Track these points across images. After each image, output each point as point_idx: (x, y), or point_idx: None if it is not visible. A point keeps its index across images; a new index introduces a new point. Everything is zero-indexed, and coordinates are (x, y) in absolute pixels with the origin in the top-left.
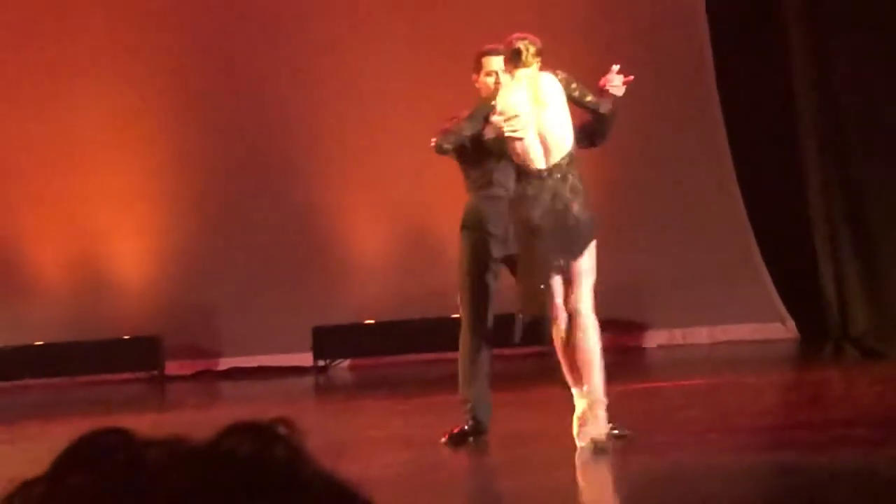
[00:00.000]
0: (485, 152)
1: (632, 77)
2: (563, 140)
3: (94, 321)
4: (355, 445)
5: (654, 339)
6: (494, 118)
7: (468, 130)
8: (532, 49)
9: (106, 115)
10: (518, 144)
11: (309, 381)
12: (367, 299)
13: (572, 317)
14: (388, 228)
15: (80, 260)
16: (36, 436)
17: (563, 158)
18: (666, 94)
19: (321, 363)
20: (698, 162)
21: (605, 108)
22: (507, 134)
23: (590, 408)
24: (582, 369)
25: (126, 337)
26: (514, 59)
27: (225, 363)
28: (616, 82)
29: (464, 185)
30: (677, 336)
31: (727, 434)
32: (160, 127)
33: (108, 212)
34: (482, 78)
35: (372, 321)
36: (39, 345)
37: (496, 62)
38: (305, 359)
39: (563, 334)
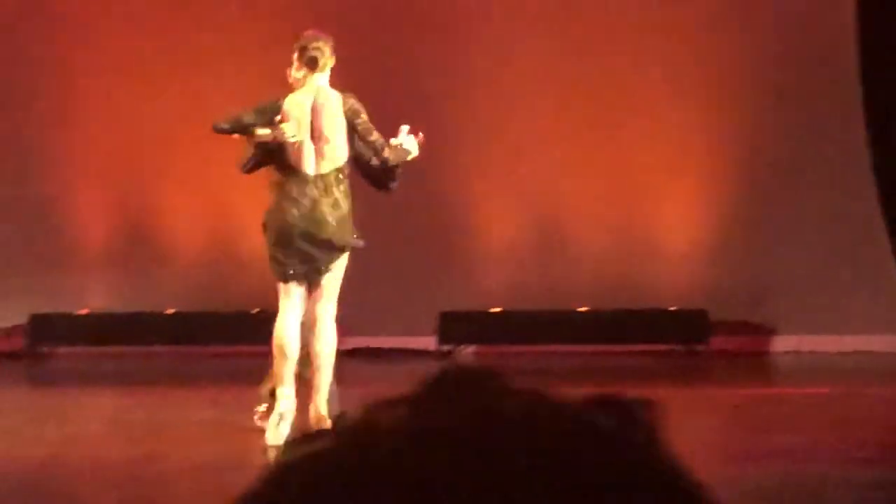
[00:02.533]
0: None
1: (422, 136)
2: (334, 155)
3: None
4: None
5: (783, 344)
6: (277, 119)
7: (248, 119)
8: (328, 53)
9: None
10: (293, 145)
11: (432, 365)
12: (496, 287)
13: (312, 322)
14: (520, 218)
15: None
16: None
17: (331, 172)
18: (806, 99)
19: (445, 348)
20: (836, 169)
21: (389, 153)
22: (286, 138)
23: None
24: (314, 373)
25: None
26: (310, 64)
27: (350, 342)
28: (407, 143)
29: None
30: (806, 343)
31: (849, 445)
32: None
33: None
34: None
35: (499, 309)
36: (170, 313)
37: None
38: (430, 343)
39: (289, 334)
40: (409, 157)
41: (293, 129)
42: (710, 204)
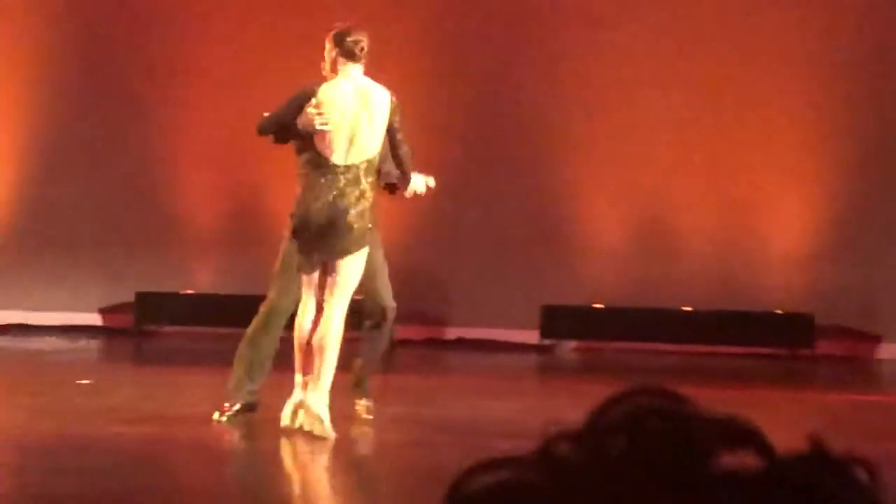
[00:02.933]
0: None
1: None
2: (368, 146)
3: None
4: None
5: (889, 351)
6: (309, 109)
7: (285, 116)
8: (365, 47)
9: None
10: (326, 134)
11: (533, 358)
12: (599, 283)
13: (322, 309)
14: (627, 215)
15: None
16: None
17: (362, 163)
18: None
19: (547, 342)
20: None
21: (405, 163)
22: (317, 126)
23: (310, 400)
24: (316, 360)
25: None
26: (350, 54)
27: (452, 332)
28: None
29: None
30: None
31: None
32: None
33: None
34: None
35: (601, 305)
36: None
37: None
38: (532, 336)
39: (303, 323)
40: (407, 184)
41: (327, 118)
42: (820, 207)
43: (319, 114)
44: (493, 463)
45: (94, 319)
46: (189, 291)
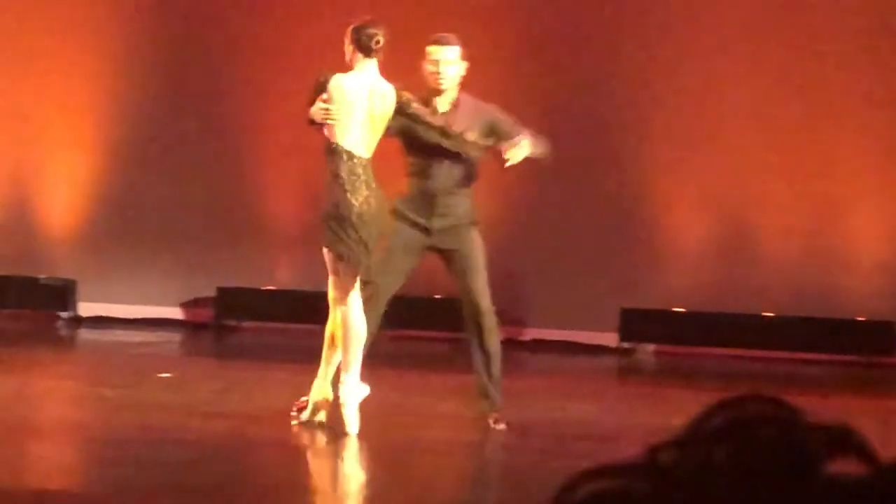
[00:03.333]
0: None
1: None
2: (373, 141)
3: None
4: (657, 433)
5: None
6: (323, 98)
7: (310, 105)
8: (381, 41)
9: None
10: (355, 129)
11: (612, 361)
12: (680, 287)
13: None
14: (710, 218)
15: None
16: None
17: (367, 158)
18: None
19: (626, 345)
20: None
21: (456, 144)
22: (323, 119)
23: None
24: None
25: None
26: (366, 47)
27: (529, 333)
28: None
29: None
30: None
31: None
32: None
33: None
34: (427, 66)
35: (682, 309)
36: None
37: (438, 51)
38: (610, 339)
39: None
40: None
41: (334, 111)
42: None
43: (326, 108)
44: (598, 471)
45: (176, 313)
46: (270, 287)
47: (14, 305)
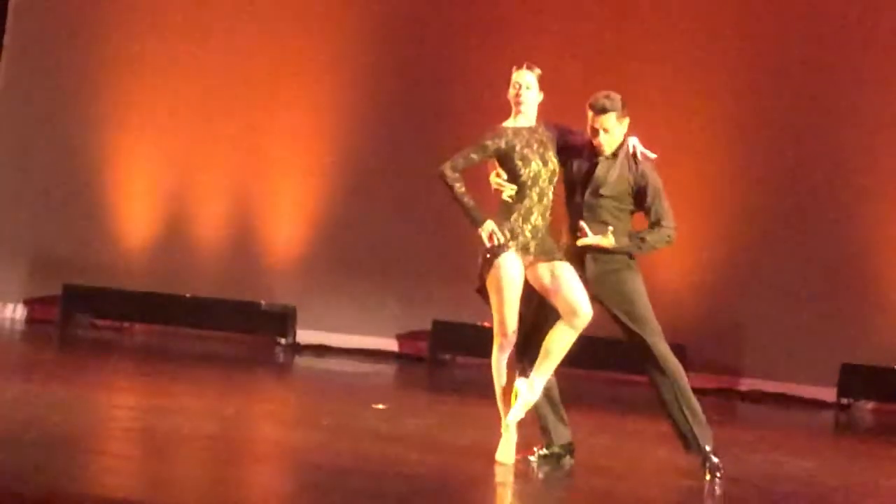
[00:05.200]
0: None
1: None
2: None
3: None
4: (874, 493)
5: None
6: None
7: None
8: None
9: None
10: None
11: (829, 416)
12: None
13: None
14: None
15: None
16: None
17: None
18: None
19: (844, 401)
20: None
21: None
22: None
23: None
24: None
25: None
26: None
27: (747, 384)
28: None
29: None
30: None
31: None
32: (717, 139)
33: None
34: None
35: None
36: None
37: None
38: (828, 393)
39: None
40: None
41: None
42: None
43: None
44: None
45: (391, 345)
46: (485, 324)
47: (236, 329)
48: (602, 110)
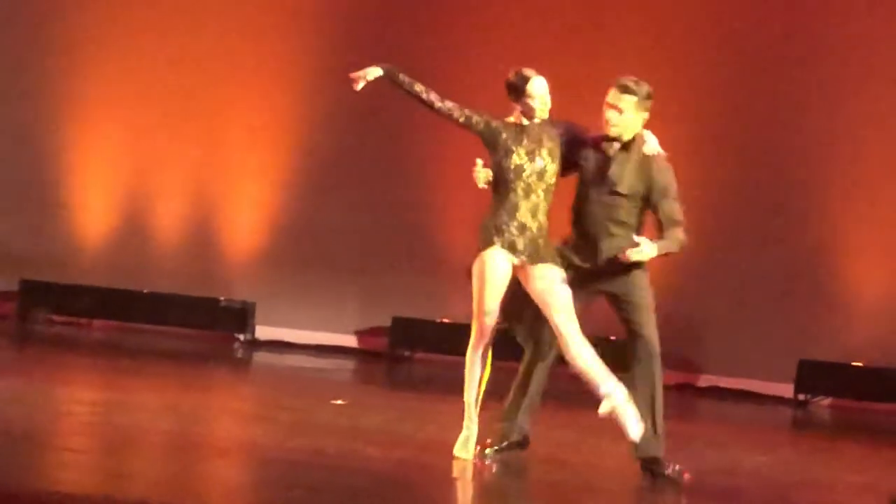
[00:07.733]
0: None
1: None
2: None
3: None
4: (832, 488)
5: None
6: None
7: None
8: None
9: None
10: None
11: (786, 412)
12: (860, 341)
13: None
14: (891, 273)
15: None
16: None
17: None
18: None
19: (801, 397)
20: None
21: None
22: None
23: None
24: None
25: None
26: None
27: (705, 380)
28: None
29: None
30: None
31: None
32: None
33: None
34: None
35: (860, 364)
36: None
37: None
38: (786, 390)
39: None
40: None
41: None
42: None
43: None
44: None
45: (350, 341)
46: (445, 320)
47: (194, 325)
48: (624, 89)
